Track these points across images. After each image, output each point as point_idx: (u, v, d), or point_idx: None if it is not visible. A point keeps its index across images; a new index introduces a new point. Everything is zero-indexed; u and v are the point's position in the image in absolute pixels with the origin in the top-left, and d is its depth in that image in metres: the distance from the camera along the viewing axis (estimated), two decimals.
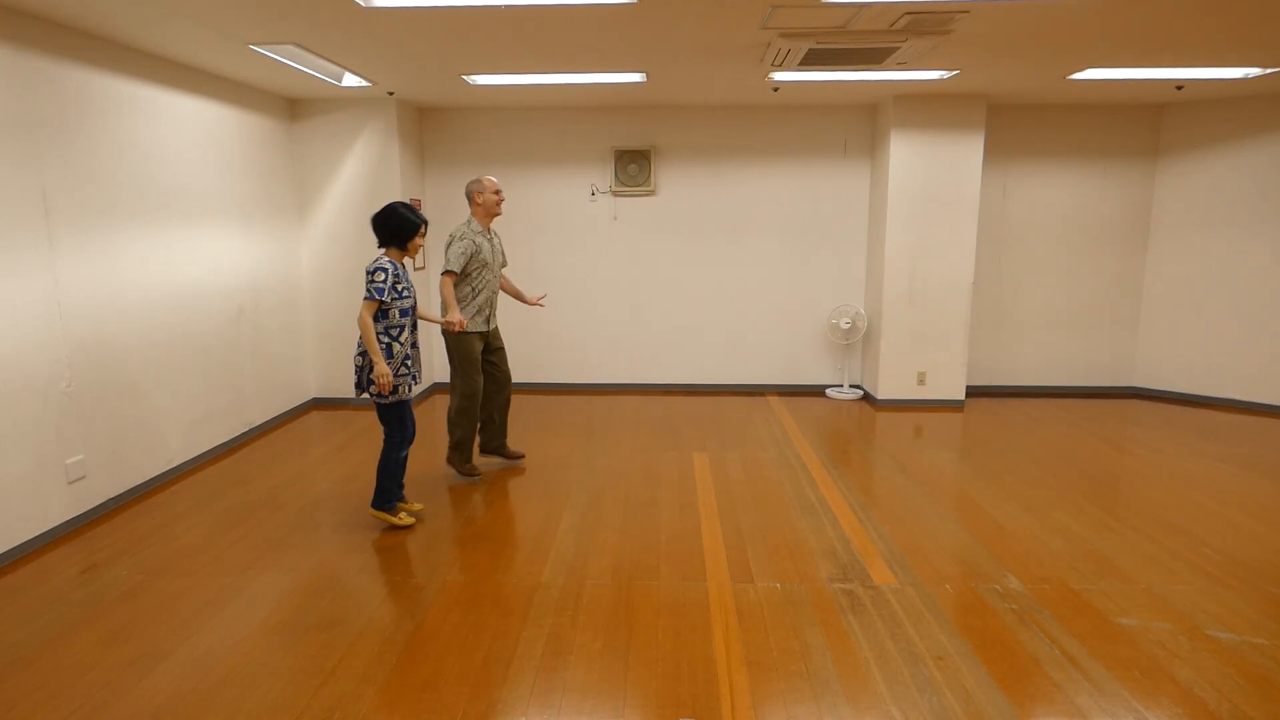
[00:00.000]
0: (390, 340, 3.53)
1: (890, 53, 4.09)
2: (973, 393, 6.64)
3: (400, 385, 3.58)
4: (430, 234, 6.57)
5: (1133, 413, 6.04)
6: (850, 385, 6.73)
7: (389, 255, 3.53)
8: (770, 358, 6.72)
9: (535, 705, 2.38)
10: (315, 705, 2.38)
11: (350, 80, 5.14)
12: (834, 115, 6.30)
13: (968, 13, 3.49)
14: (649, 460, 4.82)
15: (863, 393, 6.59)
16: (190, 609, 2.98)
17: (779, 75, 4.89)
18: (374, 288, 3.44)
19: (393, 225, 3.50)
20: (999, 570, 3.29)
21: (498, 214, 4.34)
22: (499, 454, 4.71)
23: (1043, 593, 3.09)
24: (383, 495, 3.74)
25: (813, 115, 6.31)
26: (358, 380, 3.57)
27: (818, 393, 6.69)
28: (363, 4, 3.32)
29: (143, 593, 3.11)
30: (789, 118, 6.31)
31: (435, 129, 6.43)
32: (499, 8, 3.38)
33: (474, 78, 4.99)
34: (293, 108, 5.88)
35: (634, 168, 6.36)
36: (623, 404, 6.33)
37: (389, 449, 3.69)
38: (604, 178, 6.45)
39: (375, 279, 3.44)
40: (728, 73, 4.88)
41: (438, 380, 6.81)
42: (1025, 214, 6.39)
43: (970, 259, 5.99)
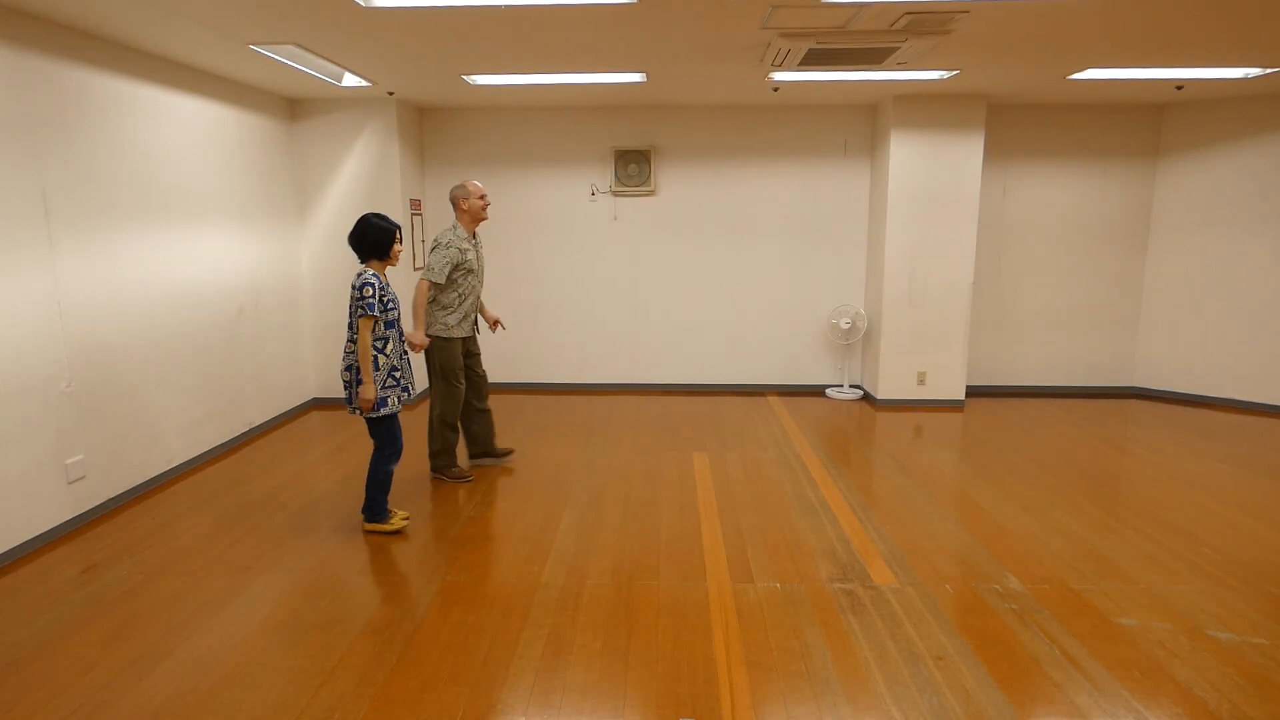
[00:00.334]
0: (376, 352, 3.52)
1: (890, 53, 4.09)
2: (973, 393, 6.64)
3: (389, 397, 3.56)
4: (427, 236, 6.57)
5: (1133, 413, 6.04)
6: (850, 385, 6.73)
7: (371, 268, 3.52)
8: (770, 358, 6.71)
9: (535, 705, 2.38)
10: (315, 705, 2.38)
11: (350, 80, 5.14)
12: (834, 115, 6.30)
13: (968, 13, 3.49)
14: (649, 460, 4.82)
15: (863, 393, 6.59)
16: (190, 609, 2.98)
17: (779, 75, 4.89)
18: (368, 304, 3.43)
19: (371, 238, 3.49)
20: (999, 570, 3.29)
21: (484, 219, 4.31)
22: (488, 455, 4.70)
23: (1043, 593, 3.09)
24: (373, 507, 3.71)
25: (813, 115, 6.31)
26: (348, 396, 3.57)
27: (818, 393, 6.69)
28: (363, 4, 3.32)
29: (143, 593, 3.11)
30: (789, 118, 6.31)
31: (435, 129, 6.43)
32: (499, 8, 3.38)
33: (474, 78, 4.99)
34: (293, 108, 5.88)
35: (634, 168, 6.36)
36: (623, 404, 6.33)
37: (379, 461, 3.66)
38: (604, 178, 6.45)
39: (366, 294, 3.43)
40: (728, 73, 4.87)
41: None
42: (1025, 214, 6.39)
43: (970, 259, 5.99)
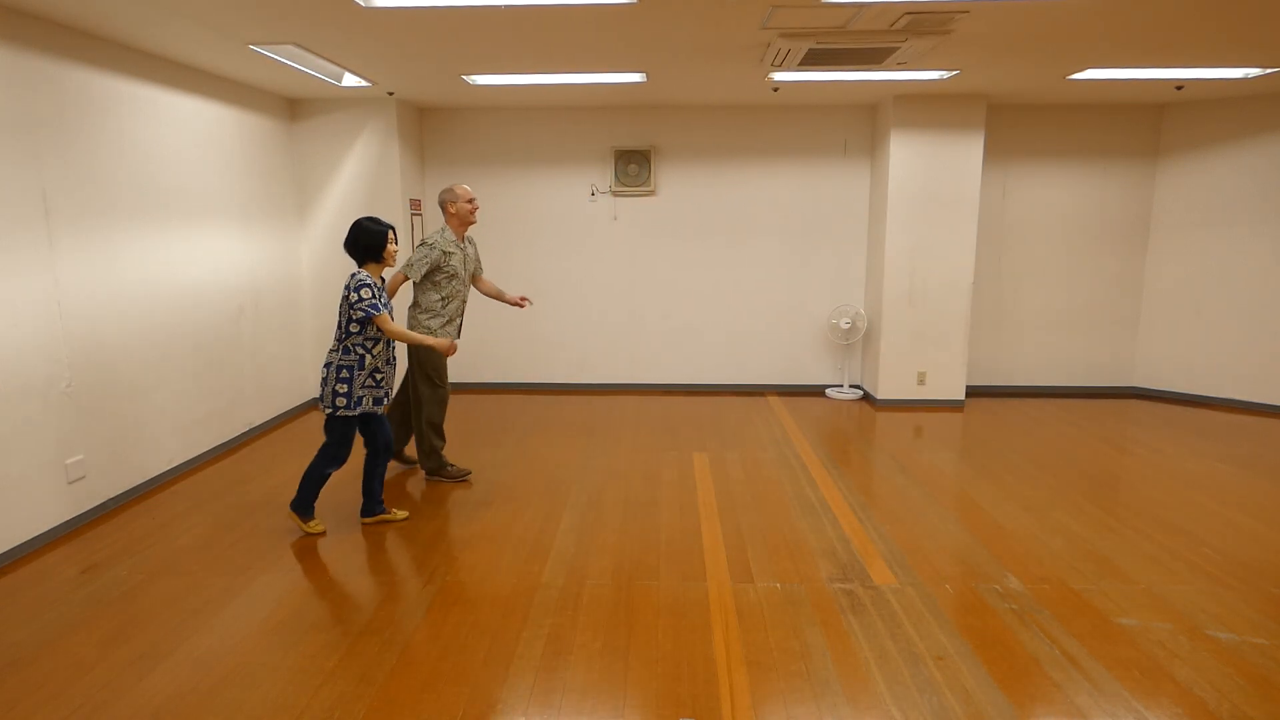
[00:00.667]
0: (364, 352, 3.53)
1: (890, 53, 4.09)
2: (973, 393, 6.64)
3: (365, 397, 3.55)
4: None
5: (1133, 413, 6.04)
6: (850, 385, 6.73)
7: (366, 271, 3.54)
8: (770, 358, 6.71)
9: (535, 705, 2.38)
10: (315, 705, 2.38)
11: (350, 80, 5.14)
12: (834, 115, 6.30)
13: (968, 13, 3.49)
14: (649, 460, 4.82)
15: (863, 393, 6.59)
16: (190, 609, 2.98)
17: (779, 75, 4.89)
18: (369, 305, 3.44)
19: (364, 241, 3.51)
20: (999, 570, 3.29)
21: (473, 222, 4.28)
22: (398, 458, 4.67)
23: (1043, 593, 3.08)
24: (301, 501, 3.67)
25: (813, 115, 6.31)
26: (320, 395, 3.58)
27: (818, 393, 6.69)
28: (363, 4, 3.32)
29: (143, 593, 3.11)
30: (789, 118, 6.31)
31: (435, 129, 6.43)
32: (499, 8, 3.38)
33: (474, 78, 4.99)
34: (293, 108, 5.88)
35: (634, 168, 6.36)
36: (623, 404, 6.33)
37: (322, 461, 3.60)
38: (604, 178, 6.45)
39: (363, 295, 3.44)
40: (728, 73, 4.87)
41: None
42: (1025, 214, 6.39)
43: (970, 259, 5.99)
